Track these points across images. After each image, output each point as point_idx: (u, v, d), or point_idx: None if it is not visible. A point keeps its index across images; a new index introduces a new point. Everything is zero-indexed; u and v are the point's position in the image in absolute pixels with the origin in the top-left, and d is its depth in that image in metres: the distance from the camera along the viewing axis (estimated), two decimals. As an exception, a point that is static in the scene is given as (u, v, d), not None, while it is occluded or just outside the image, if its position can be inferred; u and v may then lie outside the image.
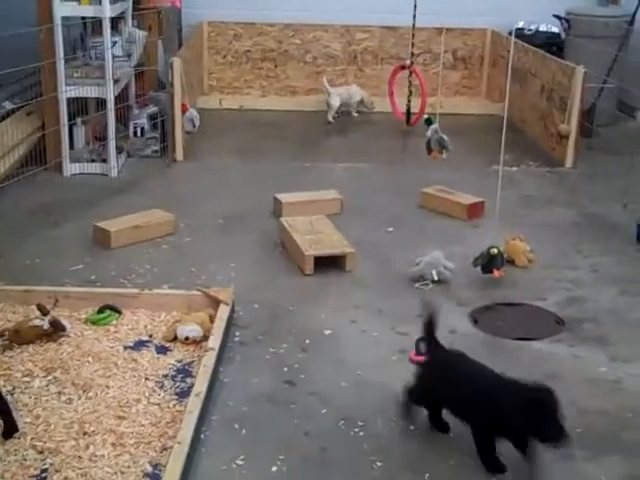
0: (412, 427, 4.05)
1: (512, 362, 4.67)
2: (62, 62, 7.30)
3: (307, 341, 4.83)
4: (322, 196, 6.88)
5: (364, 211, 6.83)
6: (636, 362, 4.72)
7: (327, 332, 4.95)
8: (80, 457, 3.69)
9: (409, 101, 9.33)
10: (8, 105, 7.57)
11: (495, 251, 5.57)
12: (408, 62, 9.36)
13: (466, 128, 9.41)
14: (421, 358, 4.60)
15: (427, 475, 3.71)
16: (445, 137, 7.20)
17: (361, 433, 4.01)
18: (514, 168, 7.92)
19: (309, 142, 9.00)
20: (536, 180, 7.83)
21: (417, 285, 5.57)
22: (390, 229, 6.54)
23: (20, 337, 4.60)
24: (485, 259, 5.61)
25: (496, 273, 5.59)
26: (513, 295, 5.50)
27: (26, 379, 4.29)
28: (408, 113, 9.35)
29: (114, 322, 4.87)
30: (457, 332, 4.97)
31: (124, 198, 7.03)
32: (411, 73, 9.33)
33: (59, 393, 4.18)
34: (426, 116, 7.66)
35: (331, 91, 9.66)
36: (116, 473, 3.60)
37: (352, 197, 6.97)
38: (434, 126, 7.27)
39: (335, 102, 9.63)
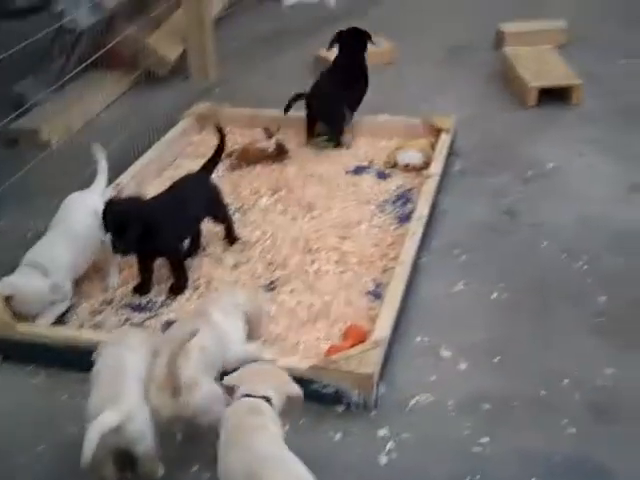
0: (640, 265, 3.89)
1: None
2: None
3: (529, 173, 4.69)
4: (549, 26, 6.49)
5: (595, 42, 6.39)
6: None
7: (550, 165, 4.77)
8: (306, 271, 3.85)
9: None
10: None
11: None
12: None
13: None
14: (653, 195, 4.38)
15: (655, 311, 3.58)
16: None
17: (585, 267, 3.90)
18: None
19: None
20: None
21: (651, 119, 5.23)
22: (623, 61, 6.10)
23: (248, 157, 4.77)
24: None
25: None
26: None
27: (254, 197, 4.48)
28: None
29: (334, 147, 4.92)
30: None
31: (344, 26, 6.94)
32: None
33: (284, 211, 4.33)
34: None
35: None
36: (340, 288, 3.72)
37: (580, 26, 6.52)
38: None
39: None
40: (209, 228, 4.11)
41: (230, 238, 4.09)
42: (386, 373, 3.22)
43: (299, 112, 5.18)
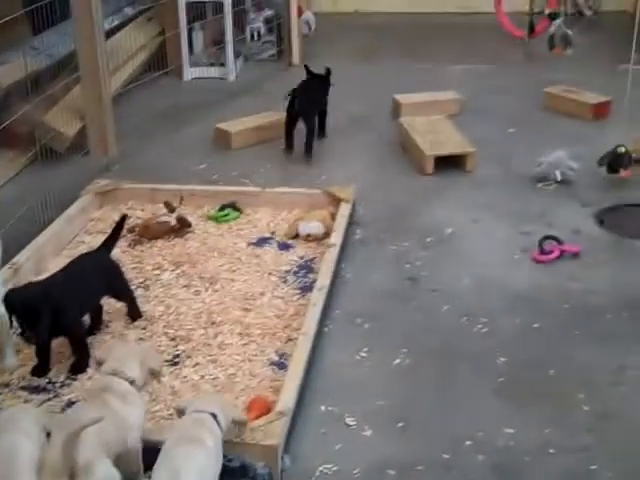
0: (536, 325, 4.01)
1: (639, 263, 4.56)
2: (180, -34, 7.31)
3: (428, 239, 4.81)
4: (441, 96, 6.76)
5: (484, 112, 6.66)
6: None
7: (448, 230, 4.91)
8: (209, 345, 3.83)
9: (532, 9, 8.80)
10: (130, 11, 7.66)
11: (622, 150, 5.37)
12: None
13: (591, 24, 9.01)
14: (545, 257, 4.55)
15: (552, 371, 3.69)
16: (570, 32, 6.92)
17: (484, 329, 4.00)
18: (644, 66, 7.55)
19: (426, 44, 8.79)
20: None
21: (540, 185, 5.44)
22: (511, 130, 6.38)
23: (149, 232, 4.75)
24: (611, 158, 5.42)
25: (623, 173, 5.40)
26: (641, 196, 5.31)
27: (156, 272, 4.45)
28: (531, 21, 8.81)
29: (234, 220, 4.96)
30: (581, 232, 4.85)
31: (243, 101, 7.08)
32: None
33: (187, 285, 4.32)
34: (548, 11, 7.34)
35: None
36: (244, 361, 3.71)
37: (472, 98, 6.81)
38: (558, 21, 6.99)
39: None
40: (112, 304, 4.06)
41: (133, 314, 4.05)
42: (291, 444, 3.21)
43: (200, 186, 5.24)
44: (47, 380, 3.64)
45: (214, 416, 2.87)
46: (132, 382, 3.02)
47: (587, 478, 3.10)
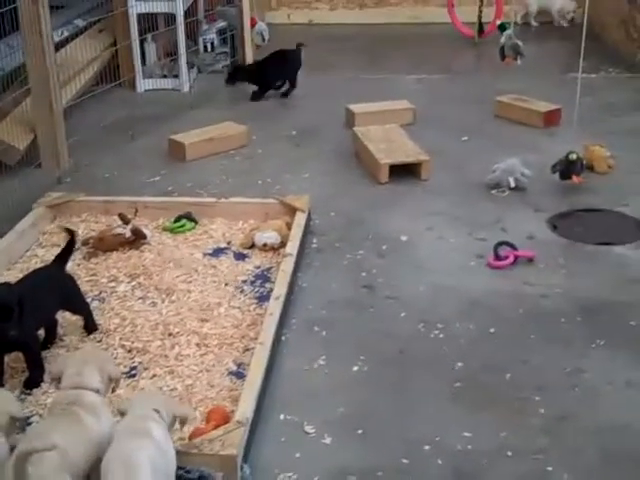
0: (492, 330, 4.05)
1: (592, 267, 4.62)
2: (131, -23, 7.28)
3: (384, 247, 4.83)
4: (395, 106, 6.80)
5: (437, 121, 6.72)
6: None
7: (404, 238, 4.94)
8: (166, 356, 3.80)
9: (480, 11, 9.03)
10: (80, 23, 7.59)
11: (574, 157, 5.45)
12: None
13: (540, 35, 9.16)
14: (500, 263, 4.59)
15: (508, 375, 3.72)
16: (520, 43, 7.00)
17: (441, 335, 4.03)
18: (593, 75, 7.68)
19: (379, 55, 8.85)
20: (617, 87, 7.59)
21: (494, 192, 5.50)
22: (465, 138, 6.44)
23: (104, 245, 4.70)
24: (564, 165, 5.50)
25: (575, 179, 5.48)
26: (593, 201, 5.39)
27: (112, 284, 4.41)
28: (480, 24, 9.06)
29: (190, 231, 4.94)
30: (535, 238, 4.91)
31: (197, 112, 7.06)
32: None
33: (143, 297, 4.28)
34: (499, 22, 7.45)
35: None
36: (202, 371, 3.69)
37: (425, 107, 6.86)
38: (508, 32, 7.05)
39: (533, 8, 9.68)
40: (66, 317, 4.01)
41: (89, 328, 4.01)
42: (251, 453, 3.19)
43: (154, 198, 5.22)
44: (0, 396, 3.57)
45: (157, 412, 2.91)
46: (97, 391, 3.02)
47: (543, 479, 3.12)
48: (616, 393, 3.61)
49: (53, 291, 3.86)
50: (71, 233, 4.18)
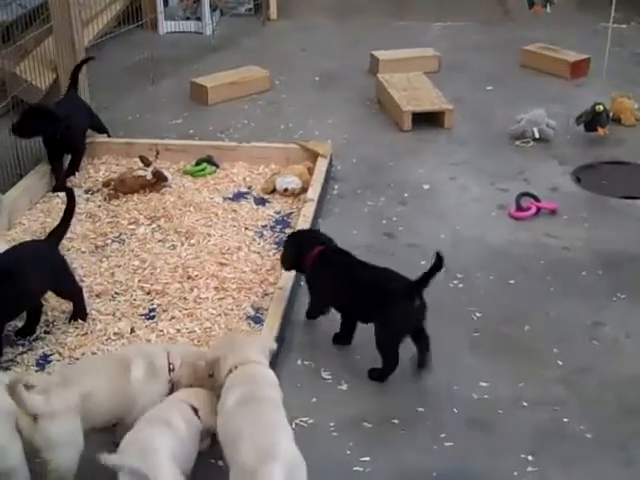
0: (512, 281, 4.02)
1: (616, 220, 4.57)
2: None
3: (406, 195, 4.80)
4: (420, 53, 6.70)
5: (462, 69, 6.62)
6: None
7: (426, 187, 4.90)
8: (185, 299, 3.81)
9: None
10: (103, -38, 7.49)
11: (600, 108, 5.36)
12: None
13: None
14: (522, 214, 4.55)
15: (527, 327, 3.71)
16: (550, -9, 6.84)
17: (460, 285, 4.01)
18: (624, 25, 7.51)
19: (404, 1, 8.69)
20: (648, 38, 7.43)
21: (518, 143, 5.43)
22: (489, 87, 6.34)
23: (125, 186, 4.69)
24: (589, 116, 5.41)
25: (601, 131, 5.39)
26: (619, 154, 5.31)
27: (132, 226, 4.41)
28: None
29: (211, 174, 4.91)
30: (559, 190, 4.86)
31: (219, 56, 6.99)
32: None
33: (163, 240, 4.28)
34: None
35: None
36: (220, 315, 3.70)
37: (450, 55, 6.76)
38: (538, -21, 6.90)
39: None
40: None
41: (77, 314, 3.64)
42: (268, 397, 3.20)
43: (176, 140, 5.19)
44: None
45: (195, 410, 2.84)
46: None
47: (559, 430, 3.12)
48: (635, 346, 3.58)
49: (41, 269, 3.47)
50: (71, 198, 3.77)
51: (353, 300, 3.44)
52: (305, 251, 3.59)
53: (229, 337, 3.22)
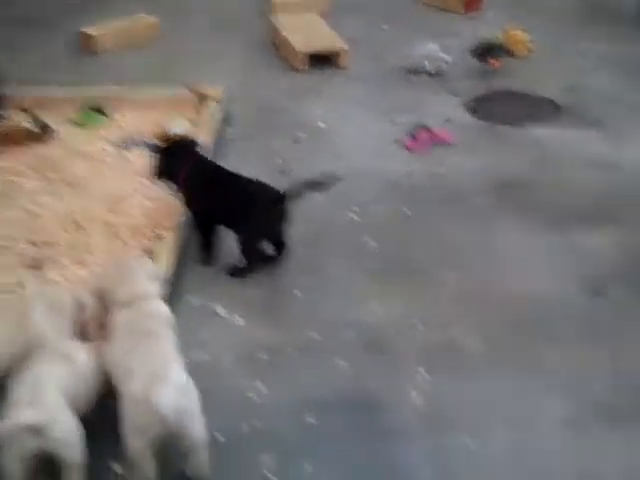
0: (408, 211, 4.03)
1: (509, 147, 4.62)
2: None
3: (302, 134, 4.75)
4: (314, -6, 6.62)
5: (356, 9, 6.58)
6: (634, 144, 4.67)
7: (322, 125, 4.86)
8: (75, 247, 3.69)
9: None
10: None
11: (494, 41, 5.40)
12: None
13: None
14: (416, 144, 4.56)
15: (422, 253, 3.73)
16: None
17: (356, 218, 4.00)
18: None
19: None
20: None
21: (412, 77, 5.43)
22: (385, 26, 6.32)
23: (10, 139, 4.51)
24: (483, 49, 5.45)
25: (494, 63, 5.43)
26: (512, 84, 5.37)
27: (18, 179, 4.24)
28: None
29: (101, 124, 4.77)
30: (453, 121, 4.88)
31: (109, 4, 6.77)
32: None
33: (51, 192, 4.13)
34: None
35: None
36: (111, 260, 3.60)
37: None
38: None
39: None
40: None
41: None
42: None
43: (63, 90, 5.02)
44: None
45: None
46: None
47: (451, 347, 3.16)
48: (526, 265, 3.64)
49: None
50: None
51: (223, 207, 3.56)
52: (179, 164, 3.65)
53: (117, 266, 3.12)
